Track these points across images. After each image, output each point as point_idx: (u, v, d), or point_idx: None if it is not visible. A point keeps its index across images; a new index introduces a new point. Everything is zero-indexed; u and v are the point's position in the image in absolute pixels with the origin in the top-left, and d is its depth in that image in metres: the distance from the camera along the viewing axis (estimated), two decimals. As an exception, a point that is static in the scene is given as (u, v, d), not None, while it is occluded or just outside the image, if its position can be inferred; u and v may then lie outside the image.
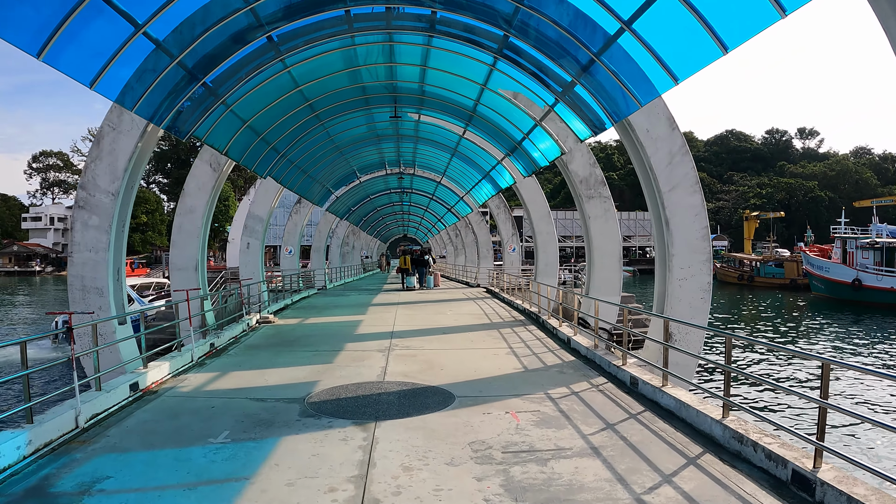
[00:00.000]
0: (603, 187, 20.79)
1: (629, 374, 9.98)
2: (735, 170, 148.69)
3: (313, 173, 26.37)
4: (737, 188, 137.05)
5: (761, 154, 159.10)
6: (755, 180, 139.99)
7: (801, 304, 52.20)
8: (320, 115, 19.28)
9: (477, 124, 19.96)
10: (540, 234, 28.49)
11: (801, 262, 67.07)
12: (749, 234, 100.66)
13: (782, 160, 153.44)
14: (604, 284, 20.29)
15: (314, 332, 15.99)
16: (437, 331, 16.01)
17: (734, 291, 65.55)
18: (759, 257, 79.87)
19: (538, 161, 18.85)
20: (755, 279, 72.49)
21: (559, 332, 14.86)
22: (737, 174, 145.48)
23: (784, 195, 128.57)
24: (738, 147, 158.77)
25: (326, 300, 26.68)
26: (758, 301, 53.81)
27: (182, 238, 20.32)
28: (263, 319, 18.06)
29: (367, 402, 8.79)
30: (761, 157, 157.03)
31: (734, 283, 74.29)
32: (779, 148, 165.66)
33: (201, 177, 20.50)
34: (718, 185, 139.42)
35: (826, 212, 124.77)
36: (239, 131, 16.14)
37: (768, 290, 66.00)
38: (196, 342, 13.12)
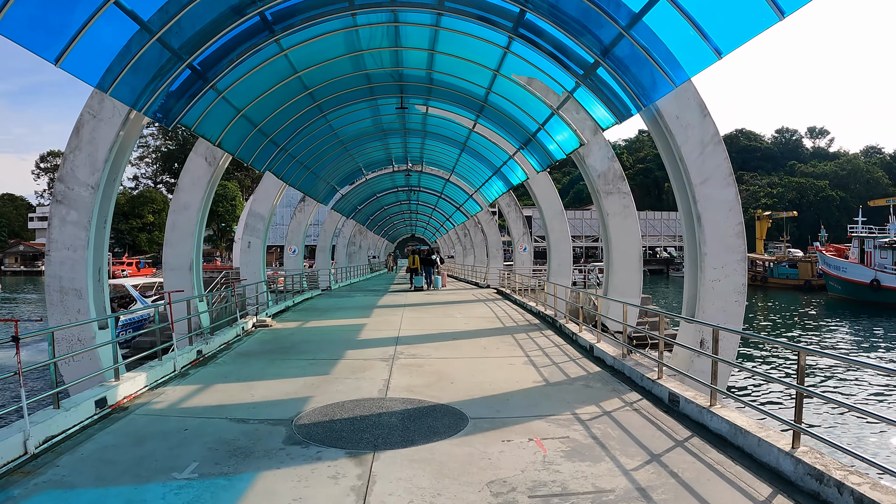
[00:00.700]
0: (622, 182, 19.55)
1: (667, 389, 8.72)
2: (745, 169, 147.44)
3: (317, 169, 25.20)
4: (747, 188, 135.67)
5: (771, 153, 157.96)
6: (765, 180, 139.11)
7: (818, 305, 50.69)
8: (322, 106, 18.11)
9: (489, 115, 18.73)
10: (553, 233, 27.23)
11: (815, 263, 65.65)
12: (761, 234, 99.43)
13: (792, 160, 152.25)
14: (623, 285, 19.09)
15: (313, 338, 14.73)
16: (446, 336, 14.74)
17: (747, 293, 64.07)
18: (773, 258, 78.27)
19: (554, 154, 17.60)
20: (768, 280, 70.93)
21: (579, 339, 13.60)
22: (747, 174, 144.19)
23: (795, 195, 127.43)
24: (748, 146, 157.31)
25: (330, 302, 25.45)
26: (774, 303, 52.34)
27: (176, 236, 19.17)
28: (260, 323, 16.86)
29: (365, 424, 7.48)
30: (771, 157, 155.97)
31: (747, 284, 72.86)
32: (789, 147, 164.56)
33: (196, 171, 19.34)
34: None
35: (837, 211, 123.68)
36: (233, 121, 14.97)
37: (782, 291, 64.47)
38: (182, 349, 11.94)
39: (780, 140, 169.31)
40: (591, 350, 12.45)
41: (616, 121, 12.84)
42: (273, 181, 27.27)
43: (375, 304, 24.22)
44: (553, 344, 13.61)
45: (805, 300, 54.32)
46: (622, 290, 18.97)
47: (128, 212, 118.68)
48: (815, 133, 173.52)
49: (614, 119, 12.86)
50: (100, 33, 9.57)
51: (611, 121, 13.00)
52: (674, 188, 13.70)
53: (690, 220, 13.27)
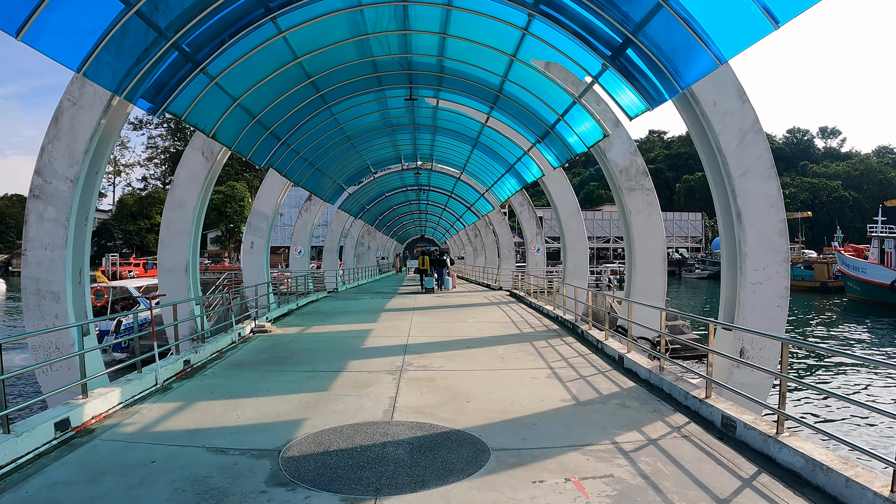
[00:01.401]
0: (645, 178, 18.34)
1: (719, 411, 7.49)
2: None
3: (322, 167, 24.01)
4: None
5: (783, 154, 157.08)
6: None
7: (837, 307, 49.15)
8: (326, 97, 16.95)
9: (503, 106, 17.51)
10: (569, 233, 26.03)
11: (831, 264, 64.03)
12: None
13: (804, 160, 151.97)
14: (646, 288, 17.90)
15: (314, 346, 13.53)
16: (459, 344, 13.53)
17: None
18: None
19: (574, 148, 16.35)
20: None
21: (606, 347, 12.35)
22: None
23: (807, 195, 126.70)
24: None
25: (335, 304, 24.30)
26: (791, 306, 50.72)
27: (171, 236, 18.10)
28: (259, 328, 15.71)
29: (366, 458, 6.21)
30: (783, 157, 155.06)
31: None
32: (800, 147, 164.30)
33: (192, 167, 18.26)
34: None
35: (850, 212, 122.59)
36: (228, 110, 13.81)
37: (798, 293, 62.55)
38: (167, 360, 10.80)
39: (792, 140, 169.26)
40: (620, 361, 11.21)
41: (647, 107, 11.58)
42: (277, 179, 26.18)
43: (383, 307, 23.04)
44: (577, 353, 12.37)
45: (823, 302, 52.65)
46: (645, 293, 17.77)
47: (136, 213, 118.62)
48: (826, 133, 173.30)
49: (645, 105, 11.59)
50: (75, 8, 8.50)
51: (641, 107, 11.73)
52: (710, 182, 12.47)
53: (728, 217, 12.06)
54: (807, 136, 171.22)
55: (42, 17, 7.97)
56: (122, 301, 32.54)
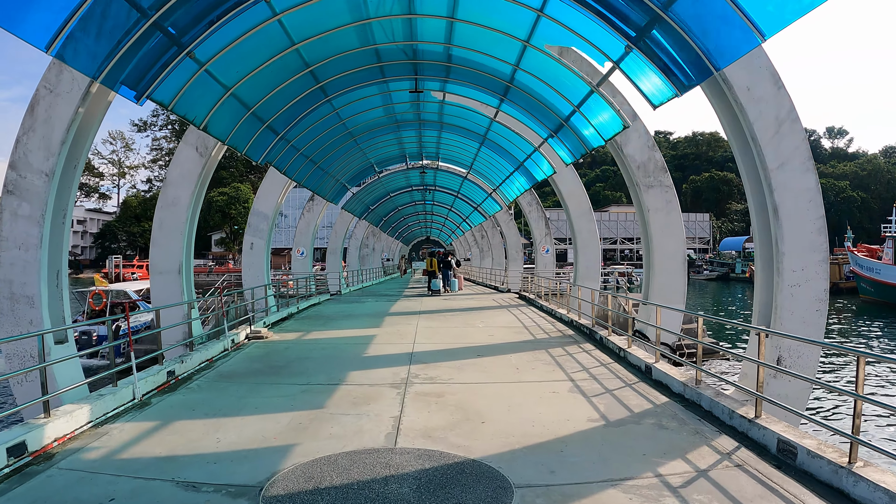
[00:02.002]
0: (664, 174, 17.35)
1: (774, 434, 6.47)
2: None
3: (324, 165, 23.02)
4: None
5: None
6: None
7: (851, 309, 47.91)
8: (326, 89, 15.99)
9: (514, 98, 16.51)
10: (580, 233, 25.01)
11: (842, 265, 62.72)
12: None
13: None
14: (665, 290, 16.93)
15: (312, 354, 12.60)
16: (469, 352, 12.51)
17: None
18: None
19: (589, 141, 15.33)
20: None
21: (629, 356, 11.33)
22: None
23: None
24: None
25: (338, 308, 23.31)
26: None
27: (164, 236, 17.19)
28: (254, 334, 14.72)
29: (363, 499, 5.17)
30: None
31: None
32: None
33: (186, 163, 17.35)
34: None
35: (858, 212, 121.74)
36: (220, 101, 12.84)
37: (811, 293, 61.33)
38: (147, 371, 9.82)
39: None
40: (647, 372, 10.18)
41: (675, 93, 10.54)
42: (277, 178, 25.30)
43: (387, 310, 22.05)
44: (598, 362, 11.34)
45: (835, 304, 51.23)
46: (664, 296, 16.78)
47: (140, 214, 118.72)
48: (833, 133, 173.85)
49: (672, 91, 10.56)
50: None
51: (667, 94, 10.69)
52: (742, 175, 11.47)
53: (764, 214, 11.08)
54: (813, 136, 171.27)
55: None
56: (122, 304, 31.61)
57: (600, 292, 16.42)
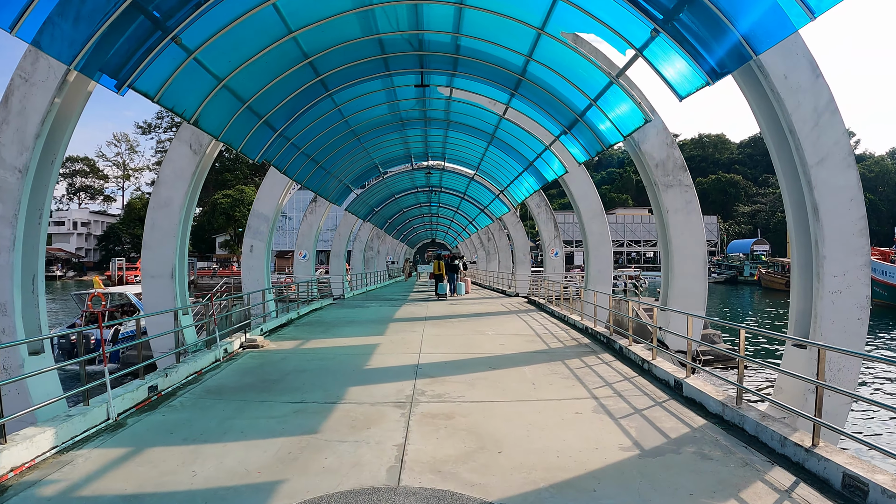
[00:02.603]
0: (683, 173, 16.42)
1: (839, 468, 5.54)
2: (770, 172, 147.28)
3: (326, 164, 22.14)
4: (773, 191, 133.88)
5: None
6: None
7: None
8: (326, 82, 15.11)
9: (526, 93, 15.60)
10: (592, 235, 24.06)
11: (855, 268, 61.50)
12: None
13: None
14: (685, 295, 16.01)
15: (309, 366, 11.62)
16: (480, 363, 11.54)
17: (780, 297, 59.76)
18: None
19: (605, 137, 14.41)
20: None
21: (654, 368, 10.38)
22: (772, 176, 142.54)
23: None
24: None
25: (340, 313, 22.38)
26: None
27: (155, 238, 16.31)
28: (249, 343, 13.81)
29: None
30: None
31: (781, 290, 68.46)
32: None
33: (179, 161, 16.49)
34: (754, 188, 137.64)
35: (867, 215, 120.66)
36: (213, 93, 11.98)
37: (822, 297, 60.08)
38: (124, 387, 8.92)
39: None
40: (677, 388, 9.22)
41: (705, 82, 9.59)
42: (278, 178, 24.41)
43: (392, 316, 21.12)
44: (620, 375, 10.38)
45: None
46: (684, 301, 15.87)
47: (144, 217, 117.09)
48: None
49: (702, 80, 9.61)
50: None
51: (698, 82, 9.74)
52: (778, 172, 10.55)
53: (801, 212, 10.15)
54: None
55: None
56: (122, 308, 30.84)
57: (618, 298, 15.50)
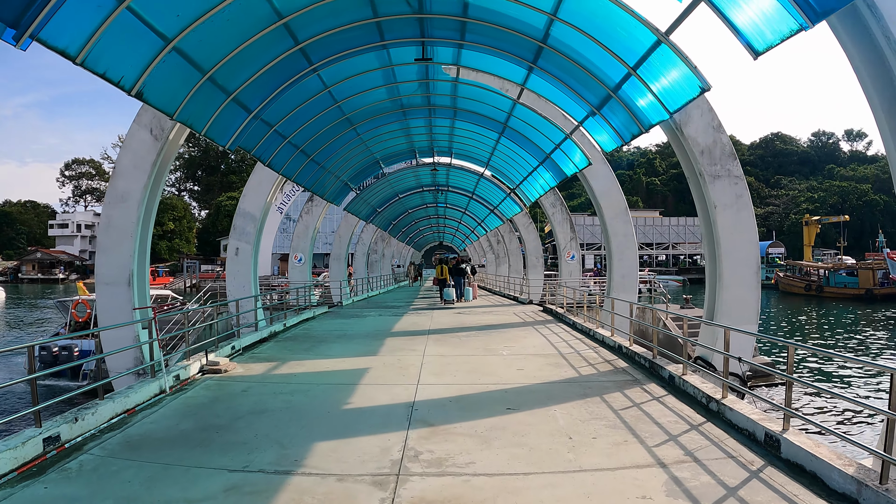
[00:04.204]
0: (733, 162, 13.90)
1: None
2: (782, 173, 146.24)
3: (319, 158, 19.68)
4: (786, 192, 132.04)
5: (808, 157, 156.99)
6: (804, 184, 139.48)
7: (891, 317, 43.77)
8: (309, 53, 12.68)
9: (547, 65, 13.09)
10: (615, 237, 21.51)
11: (876, 270, 58.94)
12: (809, 241, 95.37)
13: (830, 163, 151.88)
14: (735, 307, 13.51)
15: (272, 403, 8.97)
16: (495, 400, 8.81)
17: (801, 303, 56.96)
18: (829, 265, 71.32)
19: (646, 116, 11.82)
20: (824, 289, 63.66)
21: (730, 413, 7.70)
22: (784, 178, 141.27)
23: (837, 199, 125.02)
24: (784, 150, 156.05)
25: (333, 324, 19.76)
26: (843, 315, 45.38)
27: (111, 238, 13.88)
28: (211, 367, 11.29)
29: None
30: (808, 161, 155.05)
31: (800, 294, 65.79)
32: (826, 151, 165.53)
33: (138, 148, 14.05)
34: (766, 189, 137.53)
35: (881, 216, 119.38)
36: (160, 56, 9.49)
37: (841, 301, 57.28)
38: (12, 438, 6.44)
39: (817, 143, 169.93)
40: (771, 445, 6.58)
41: (801, 26, 7.04)
42: (266, 173, 21.93)
43: (390, 328, 18.54)
44: (683, 421, 7.72)
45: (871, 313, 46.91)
46: (734, 315, 13.37)
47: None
48: (852, 136, 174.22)
49: (798, 22, 7.04)
50: None
51: (791, 26, 7.16)
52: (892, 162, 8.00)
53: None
54: (832, 139, 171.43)
55: None
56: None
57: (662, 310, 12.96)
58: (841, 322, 41.84)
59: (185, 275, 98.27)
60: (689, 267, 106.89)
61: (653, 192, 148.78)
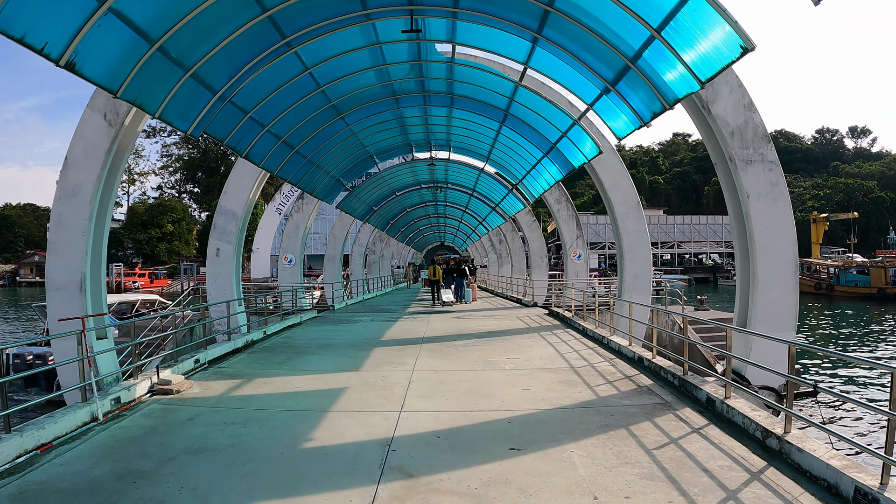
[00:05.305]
0: (767, 145, 12.22)
1: None
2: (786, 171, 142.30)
3: (305, 150, 18.02)
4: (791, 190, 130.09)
5: (813, 154, 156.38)
6: (808, 182, 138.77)
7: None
8: (278, 20, 11.10)
9: (555, 33, 11.42)
10: (626, 234, 19.83)
11: (888, 268, 57.30)
12: (817, 238, 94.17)
13: (835, 160, 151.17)
14: (772, 311, 11.81)
15: (218, 439, 7.18)
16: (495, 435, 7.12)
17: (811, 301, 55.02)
18: (839, 263, 69.55)
19: (670, 90, 10.08)
20: (835, 288, 61.87)
21: (799, 454, 5.98)
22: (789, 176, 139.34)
23: (842, 196, 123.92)
24: (788, 147, 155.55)
25: (318, 332, 17.94)
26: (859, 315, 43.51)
27: (62, 238, 12.25)
28: (161, 386, 9.61)
29: None
30: (813, 158, 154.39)
31: (810, 293, 63.92)
32: (830, 148, 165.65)
33: (90, 135, 12.42)
34: None
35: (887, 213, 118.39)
36: (93, 19, 7.83)
37: (852, 300, 55.41)
38: None
39: (821, 141, 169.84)
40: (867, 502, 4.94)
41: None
42: (249, 168, 20.33)
43: (380, 336, 16.82)
44: (738, 465, 5.90)
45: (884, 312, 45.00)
46: (771, 320, 11.71)
47: (146, 221, 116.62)
48: (856, 133, 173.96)
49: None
50: None
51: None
52: None
53: None
54: (836, 136, 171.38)
55: None
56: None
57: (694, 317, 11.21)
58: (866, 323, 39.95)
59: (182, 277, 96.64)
60: (694, 266, 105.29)
61: (656, 190, 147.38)
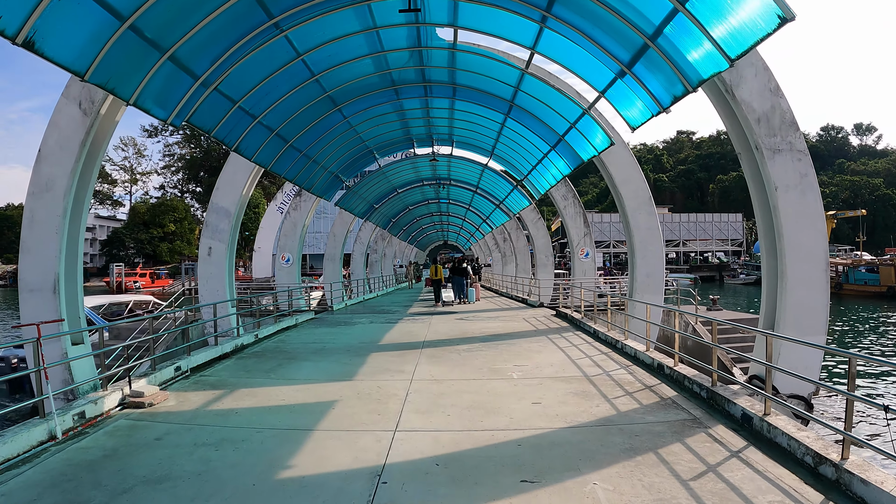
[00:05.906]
0: (795, 133, 11.26)
1: None
2: None
3: (300, 144, 17.14)
4: None
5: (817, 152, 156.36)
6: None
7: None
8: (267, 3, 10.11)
9: (565, 12, 10.55)
10: (638, 230, 18.90)
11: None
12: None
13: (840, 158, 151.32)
14: (801, 312, 10.88)
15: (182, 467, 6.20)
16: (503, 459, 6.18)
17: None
18: (848, 261, 68.46)
19: (695, 70, 9.13)
20: (843, 286, 60.69)
21: (860, 485, 5.11)
22: None
23: (849, 194, 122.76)
24: None
25: (313, 335, 16.95)
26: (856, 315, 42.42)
27: (35, 236, 11.35)
28: (133, 398, 8.70)
29: None
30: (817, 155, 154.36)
31: (819, 292, 62.86)
32: (835, 145, 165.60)
33: (64, 126, 11.53)
34: None
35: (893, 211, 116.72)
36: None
37: (862, 299, 54.18)
38: None
39: (826, 138, 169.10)
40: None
41: None
42: (242, 163, 19.42)
43: (378, 340, 15.87)
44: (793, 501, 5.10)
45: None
46: (801, 323, 10.78)
47: (148, 221, 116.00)
48: (861, 130, 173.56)
49: None
50: None
51: None
52: None
53: None
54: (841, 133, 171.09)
55: None
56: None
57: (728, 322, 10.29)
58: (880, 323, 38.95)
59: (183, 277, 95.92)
60: (700, 265, 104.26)
61: (660, 188, 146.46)
